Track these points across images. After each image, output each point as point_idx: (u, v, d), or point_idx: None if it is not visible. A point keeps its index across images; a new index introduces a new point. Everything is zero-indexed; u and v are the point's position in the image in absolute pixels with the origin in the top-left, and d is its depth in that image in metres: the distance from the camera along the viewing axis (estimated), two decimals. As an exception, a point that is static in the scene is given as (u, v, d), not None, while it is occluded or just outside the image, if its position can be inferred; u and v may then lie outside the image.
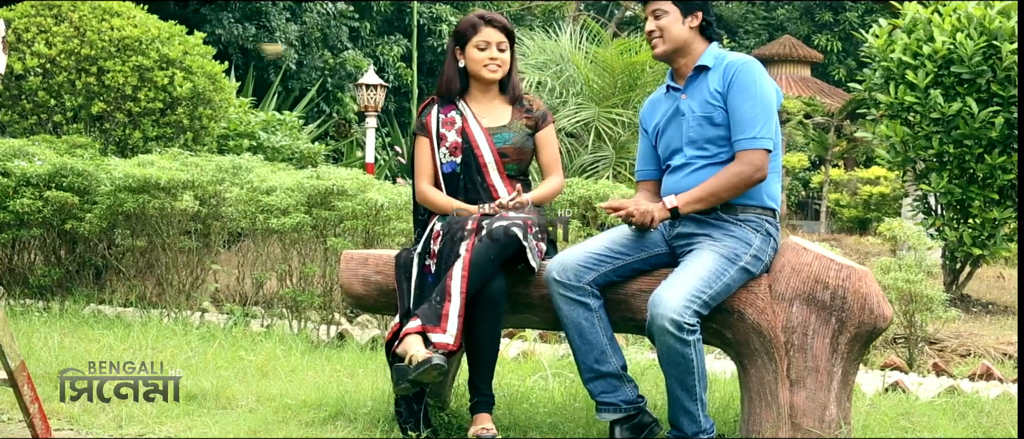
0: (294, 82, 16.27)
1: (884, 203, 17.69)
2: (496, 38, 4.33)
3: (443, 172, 4.35)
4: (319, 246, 6.60)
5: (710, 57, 4.03)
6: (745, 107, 3.90)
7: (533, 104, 4.44)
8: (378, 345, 6.12)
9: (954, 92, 7.95)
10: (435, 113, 4.40)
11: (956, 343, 6.76)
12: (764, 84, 3.94)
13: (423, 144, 4.40)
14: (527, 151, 4.36)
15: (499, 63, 4.34)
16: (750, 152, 3.88)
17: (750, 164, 3.88)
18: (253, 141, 10.09)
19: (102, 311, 6.89)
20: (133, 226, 6.95)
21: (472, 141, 4.31)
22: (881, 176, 17.95)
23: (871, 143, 17.73)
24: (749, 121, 3.89)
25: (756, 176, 3.89)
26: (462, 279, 3.87)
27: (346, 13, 17.56)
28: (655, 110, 4.22)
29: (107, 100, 8.53)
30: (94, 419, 4.30)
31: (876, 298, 3.80)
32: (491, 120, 4.37)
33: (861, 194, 18.05)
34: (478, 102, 4.40)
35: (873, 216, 17.84)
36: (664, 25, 4.03)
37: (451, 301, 3.87)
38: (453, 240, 4.01)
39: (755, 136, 3.88)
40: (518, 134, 4.35)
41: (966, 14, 8.00)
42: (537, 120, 4.40)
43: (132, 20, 8.80)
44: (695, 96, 4.03)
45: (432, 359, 3.70)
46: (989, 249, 8.29)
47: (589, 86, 10.31)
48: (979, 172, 8.03)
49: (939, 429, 4.20)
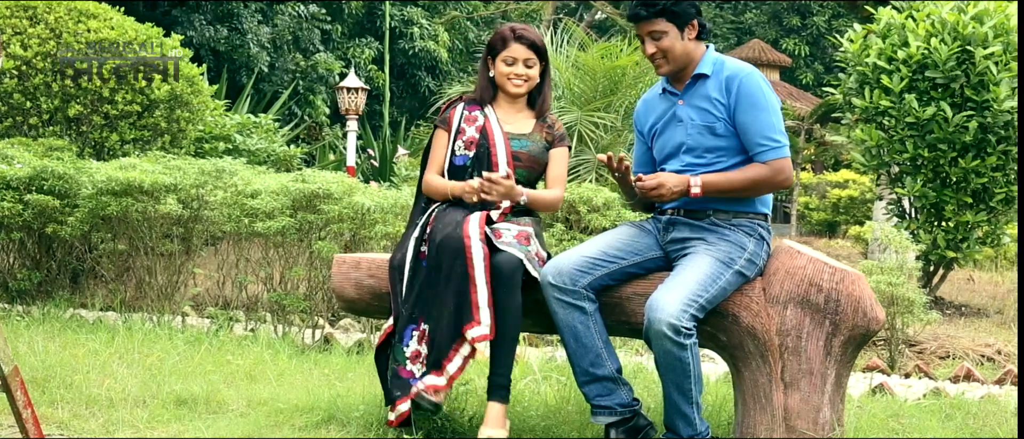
0: (266, 85, 16.21)
1: (853, 206, 17.86)
2: (524, 54, 4.36)
3: (455, 164, 4.38)
4: (303, 249, 6.59)
5: (709, 64, 4.06)
6: (761, 118, 3.94)
7: (555, 124, 4.49)
8: (365, 349, 6.11)
9: (928, 97, 8.04)
10: (460, 109, 4.45)
11: (935, 345, 6.84)
12: (770, 92, 3.99)
13: (441, 137, 4.44)
14: (540, 162, 4.41)
15: (525, 78, 4.38)
16: (776, 161, 3.93)
17: (779, 170, 3.93)
18: (229, 144, 10.05)
19: (81, 315, 6.84)
20: (114, 229, 6.91)
21: (490, 139, 4.34)
22: (850, 179, 18.12)
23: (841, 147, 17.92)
24: (767, 129, 3.94)
25: (786, 182, 3.95)
26: (484, 268, 3.92)
27: (318, 16, 17.52)
28: (650, 112, 4.24)
29: (84, 102, 8.46)
30: (84, 424, 4.28)
31: (869, 301, 3.84)
32: (514, 127, 4.42)
33: (830, 197, 18.21)
34: (504, 110, 4.45)
35: (842, 219, 18.00)
36: (665, 46, 4.01)
37: (478, 290, 3.91)
38: (447, 222, 4.05)
39: (779, 144, 3.94)
40: (536, 144, 4.40)
41: (940, 19, 8.10)
42: (555, 138, 4.45)
43: (109, 22, 8.74)
44: (693, 103, 4.05)
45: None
46: (962, 252, 8.39)
47: (570, 90, 10.35)
48: (953, 176, 8.12)
49: (929, 430, 4.25)
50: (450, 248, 3.98)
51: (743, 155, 4.00)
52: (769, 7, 26.95)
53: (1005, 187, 8.10)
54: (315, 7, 17.57)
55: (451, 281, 3.95)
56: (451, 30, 20.83)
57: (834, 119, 18.27)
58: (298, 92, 16.79)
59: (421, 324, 4.03)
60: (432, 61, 20.06)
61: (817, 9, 26.02)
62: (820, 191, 18.88)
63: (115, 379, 4.86)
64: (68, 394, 4.59)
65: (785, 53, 25.17)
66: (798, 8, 26.13)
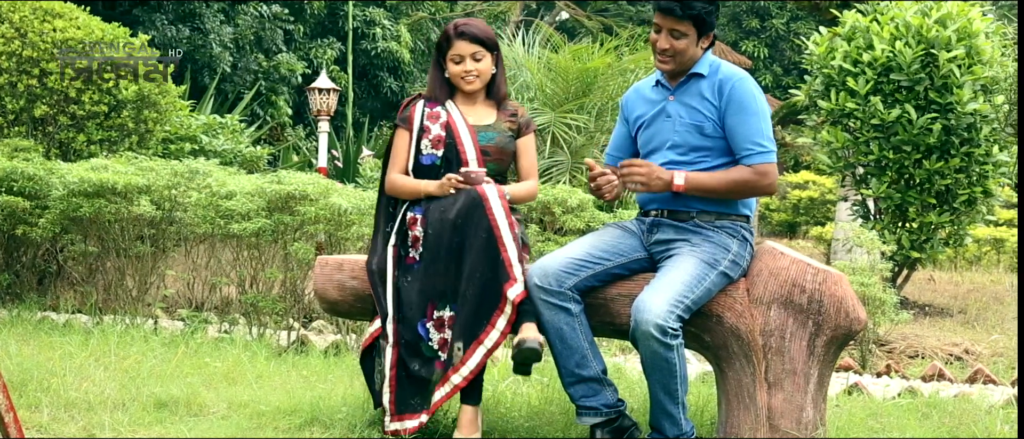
0: (228, 85, 16.12)
1: (813, 207, 18.01)
2: (469, 50, 4.32)
3: (423, 164, 4.34)
4: (279, 251, 6.57)
5: (705, 65, 4.10)
6: (750, 122, 3.99)
7: (518, 111, 4.47)
8: (342, 351, 6.11)
9: (893, 99, 8.14)
10: (420, 107, 4.40)
11: (904, 345, 6.94)
12: (761, 98, 4.04)
13: (402, 136, 4.40)
14: (508, 153, 4.39)
15: (476, 73, 4.34)
16: (762, 165, 3.98)
17: (764, 174, 3.98)
18: (195, 145, 9.98)
19: (51, 317, 6.78)
20: (85, 231, 6.85)
21: (456, 135, 4.31)
22: (810, 180, 18.27)
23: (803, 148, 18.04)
24: (755, 134, 3.98)
25: (769, 188, 4.00)
26: (508, 225, 3.99)
27: (281, 16, 17.45)
28: (640, 101, 4.26)
29: (50, 103, 8.38)
30: (64, 428, 4.25)
31: (851, 301, 3.90)
32: (476, 118, 4.39)
33: (790, 198, 18.35)
34: (464, 104, 4.42)
35: (802, 220, 18.16)
36: (681, 47, 4.03)
37: (508, 249, 3.97)
38: (448, 206, 4.06)
39: (766, 149, 3.98)
40: (502, 135, 4.37)
41: (904, 22, 8.21)
42: (521, 126, 4.43)
43: (75, 21, 8.65)
44: (684, 100, 4.09)
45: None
46: (926, 253, 8.51)
47: (543, 91, 10.39)
48: (917, 177, 8.23)
49: (908, 429, 4.32)
50: (468, 219, 4.00)
51: (727, 158, 4.04)
52: (728, 9, 27.12)
53: (968, 188, 8.21)
54: (277, 7, 17.49)
55: (478, 248, 3.97)
56: (414, 31, 20.80)
57: (796, 121, 18.42)
58: (261, 93, 16.70)
59: (434, 313, 4.03)
60: (394, 62, 20.02)
61: (776, 12, 26.21)
62: (780, 192, 19.03)
63: (93, 382, 4.83)
64: (46, 397, 4.55)
65: (745, 55, 25.34)
66: (757, 10, 26.31)
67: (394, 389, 4.10)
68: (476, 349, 3.97)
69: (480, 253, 3.96)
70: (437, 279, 4.03)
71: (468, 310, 3.97)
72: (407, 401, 4.08)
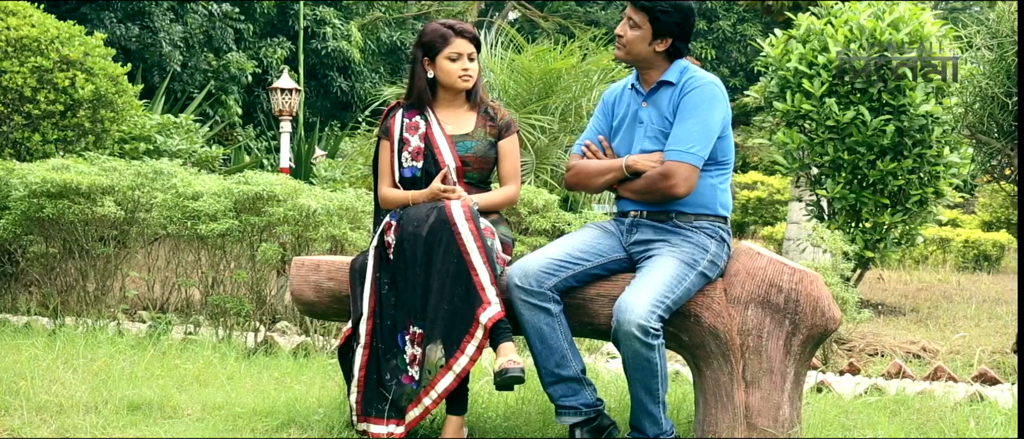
0: (178, 84, 15.96)
1: (762, 207, 18.23)
2: (467, 49, 4.37)
3: (403, 176, 4.37)
4: (244, 251, 6.53)
5: (675, 73, 4.13)
6: (686, 125, 4.01)
7: (498, 113, 4.48)
8: (310, 352, 6.09)
9: (848, 101, 8.27)
10: (399, 117, 4.42)
11: (863, 343, 7.06)
12: (710, 106, 4.03)
13: (385, 148, 4.44)
14: (489, 160, 4.41)
15: (471, 73, 4.39)
16: (674, 163, 3.99)
17: (667, 174, 3.98)
18: (150, 145, 9.87)
19: (9, 319, 6.69)
20: (46, 232, 6.76)
21: (435, 147, 4.34)
22: (758, 181, 18.48)
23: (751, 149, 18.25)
24: (681, 136, 4.00)
25: (670, 189, 4.00)
26: (478, 248, 3.96)
27: (230, 14, 17.31)
28: (619, 102, 4.28)
29: (4, 102, 8.25)
30: (36, 431, 4.20)
31: (827, 301, 3.97)
32: (455, 127, 4.40)
33: (739, 198, 18.54)
34: (443, 110, 4.43)
35: (751, 220, 18.37)
36: (630, 38, 4.10)
37: (478, 272, 3.95)
38: (414, 217, 4.06)
39: (682, 151, 3.98)
40: (481, 143, 4.39)
41: (858, 25, 8.33)
42: (501, 129, 4.44)
43: (29, 19, 8.53)
44: (655, 108, 4.13)
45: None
46: (879, 252, 8.65)
47: (506, 92, 10.40)
48: (871, 177, 8.36)
49: (880, 427, 4.40)
50: (435, 239, 4.00)
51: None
52: (675, 11, 27.31)
53: (920, 189, 8.35)
54: (227, 6, 17.36)
55: (447, 272, 3.96)
56: (364, 30, 20.73)
57: (745, 122, 18.62)
58: (211, 93, 16.56)
59: (411, 327, 4.04)
60: (345, 61, 19.96)
61: (723, 13, 26.48)
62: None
63: (63, 385, 4.78)
64: (15, 401, 4.51)
65: (692, 57, 25.55)
66: (704, 12, 26.55)
67: (362, 390, 4.11)
68: (445, 374, 3.98)
69: (452, 278, 3.97)
70: (409, 294, 4.04)
71: (438, 333, 3.97)
72: (373, 404, 4.09)
